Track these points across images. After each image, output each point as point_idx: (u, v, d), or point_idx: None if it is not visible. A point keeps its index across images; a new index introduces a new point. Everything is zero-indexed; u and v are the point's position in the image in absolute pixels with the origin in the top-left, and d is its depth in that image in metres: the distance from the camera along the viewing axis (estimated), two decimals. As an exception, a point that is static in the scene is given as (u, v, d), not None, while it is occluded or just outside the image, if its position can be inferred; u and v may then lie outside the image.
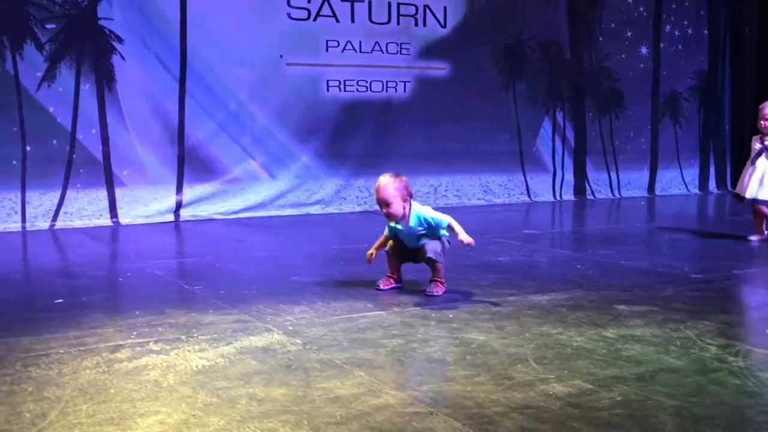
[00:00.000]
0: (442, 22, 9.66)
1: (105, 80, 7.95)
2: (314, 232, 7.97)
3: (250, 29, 8.57)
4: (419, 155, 9.61)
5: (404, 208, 4.70)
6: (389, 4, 9.30)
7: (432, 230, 4.74)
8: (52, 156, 7.77)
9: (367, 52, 9.24)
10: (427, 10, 9.54)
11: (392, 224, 4.81)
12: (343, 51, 9.10)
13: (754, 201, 6.71)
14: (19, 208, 7.65)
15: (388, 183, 4.70)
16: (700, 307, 4.42)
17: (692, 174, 11.89)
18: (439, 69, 9.70)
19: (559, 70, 10.62)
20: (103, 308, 4.48)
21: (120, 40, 7.97)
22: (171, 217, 8.27)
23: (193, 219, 8.32)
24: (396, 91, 9.48)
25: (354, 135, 9.27)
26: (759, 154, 6.68)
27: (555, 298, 4.64)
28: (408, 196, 4.73)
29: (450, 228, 4.70)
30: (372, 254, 4.93)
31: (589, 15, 10.78)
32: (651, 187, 11.48)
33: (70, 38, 7.77)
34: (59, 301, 4.63)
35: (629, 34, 11.11)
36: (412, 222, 4.72)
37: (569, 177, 10.81)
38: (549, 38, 10.46)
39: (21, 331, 3.92)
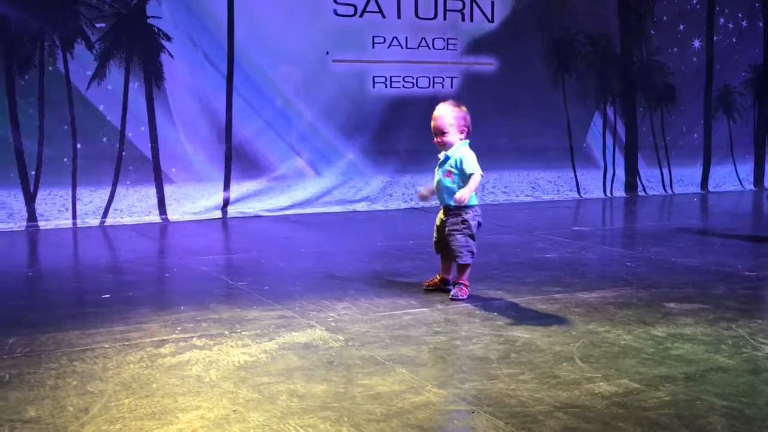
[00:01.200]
0: (490, 17, 9.56)
1: (154, 78, 8.04)
2: (360, 229, 7.96)
3: (296, 26, 8.59)
4: (466, 151, 9.51)
5: (459, 140, 4.49)
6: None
7: (463, 174, 4.44)
8: (102, 153, 7.89)
9: (414, 48, 9.19)
10: (474, 4, 9.46)
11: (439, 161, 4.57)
12: (389, 47, 9.07)
13: None
14: (70, 205, 7.77)
15: (447, 110, 4.52)
16: (752, 305, 4.30)
17: (747, 170, 11.61)
18: (487, 64, 9.61)
19: (610, 64, 10.44)
20: (149, 303, 4.51)
21: (168, 39, 8.05)
22: (218, 214, 8.34)
23: (240, 216, 8.37)
24: (443, 86, 9.42)
25: (400, 132, 9.23)
26: None
27: (603, 296, 4.55)
28: (465, 128, 4.51)
29: (470, 180, 4.39)
30: (425, 194, 4.76)
31: (641, 8, 10.59)
32: (704, 183, 11.24)
33: (119, 37, 7.87)
34: (106, 296, 4.68)
35: (681, 27, 10.88)
36: (452, 153, 4.48)
37: (620, 173, 10.63)
38: (599, 32, 10.30)
39: (68, 326, 3.97)
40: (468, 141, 4.56)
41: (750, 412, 2.77)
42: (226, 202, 8.42)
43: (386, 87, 9.14)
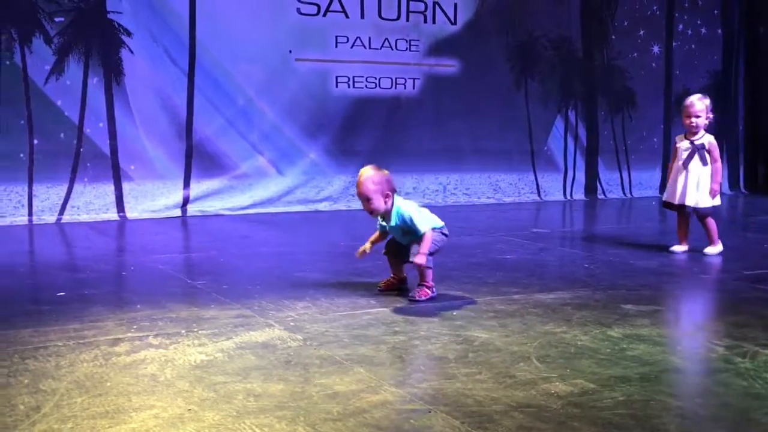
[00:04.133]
0: (452, 19, 9.59)
1: (113, 74, 7.94)
2: (321, 229, 7.93)
3: (259, 24, 8.54)
4: (428, 153, 9.56)
5: (386, 203, 4.45)
6: (399, 0, 9.25)
7: (411, 231, 4.45)
8: (59, 149, 7.77)
9: (377, 49, 9.19)
10: (437, 6, 9.49)
11: (381, 221, 4.60)
12: (352, 47, 9.06)
13: (695, 209, 6.04)
14: (26, 202, 7.65)
15: (367, 177, 4.45)
16: (708, 307, 4.36)
17: (704, 174, 11.77)
18: (449, 66, 9.65)
19: (572, 68, 10.54)
20: (105, 302, 4.45)
21: (129, 34, 7.96)
22: (178, 212, 8.26)
23: (200, 214, 8.30)
24: (405, 88, 9.44)
25: (362, 132, 9.23)
26: (690, 157, 6.03)
27: (561, 297, 4.58)
28: (390, 191, 4.46)
29: (424, 238, 4.37)
30: (365, 250, 4.59)
31: (603, 13, 10.70)
32: (663, 187, 11.37)
33: (78, 31, 7.76)
34: (61, 294, 4.61)
35: (642, 32, 11.02)
36: (393, 220, 4.47)
37: (581, 176, 10.74)
38: (561, 36, 10.39)
39: (21, 324, 3.90)
40: (397, 197, 4.53)
41: (703, 412, 2.81)
42: (186, 201, 8.34)
43: (349, 87, 9.13)
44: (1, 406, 2.81)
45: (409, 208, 4.48)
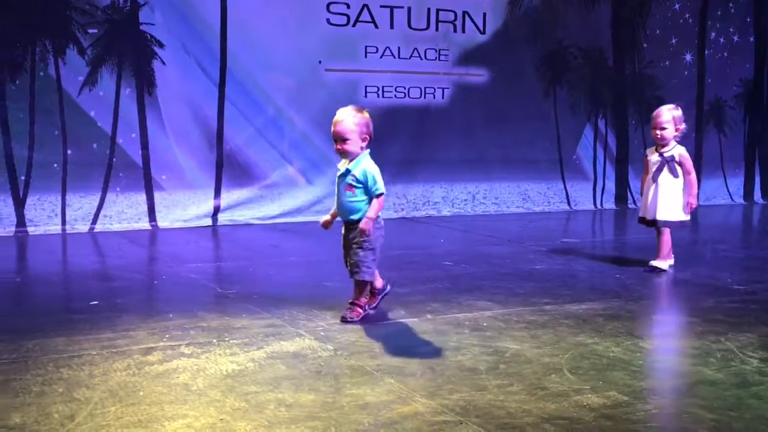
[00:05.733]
0: (482, 29, 9.59)
1: (145, 85, 8.02)
2: (350, 238, 7.93)
3: (289, 35, 8.59)
4: (457, 162, 9.55)
5: (361, 148, 4.21)
6: (428, 10, 9.26)
7: (367, 189, 4.21)
8: (92, 160, 7.86)
9: (406, 58, 9.20)
10: (467, 16, 9.48)
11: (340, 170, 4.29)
12: (381, 57, 9.08)
13: (666, 224, 5.75)
14: (59, 211, 7.74)
15: (349, 115, 4.19)
16: (741, 318, 4.30)
17: (737, 183, 11.65)
18: (478, 75, 9.63)
19: (601, 76, 10.48)
20: (137, 311, 4.49)
21: (161, 45, 8.04)
22: (209, 222, 8.31)
23: (230, 224, 8.34)
24: (434, 97, 9.43)
25: (391, 141, 9.22)
26: (660, 170, 5.77)
27: (592, 308, 4.55)
28: (368, 136, 4.22)
29: (374, 202, 4.21)
30: (328, 222, 4.39)
31: (634, 21, 10.63)
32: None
33: (111, 43, 7.85)
34: (95, 303, 4.66)
35: (674, 40, 10.93)
36: (354, 166, 4.19)
37: (611, 185, 10.65)
38: (591, 44, 10.33)
39: (55, 332, 3.95)
40: (369, 150, 4.29)
41: (737, 426, 2.78)
42: (217, 210, 8.40)
43: (378, 97, 9.14)
44: (36, 414, 2.84)
45: (372, 166, 4.23)
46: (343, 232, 4.40)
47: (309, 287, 5.18)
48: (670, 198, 5.74)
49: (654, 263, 5.75)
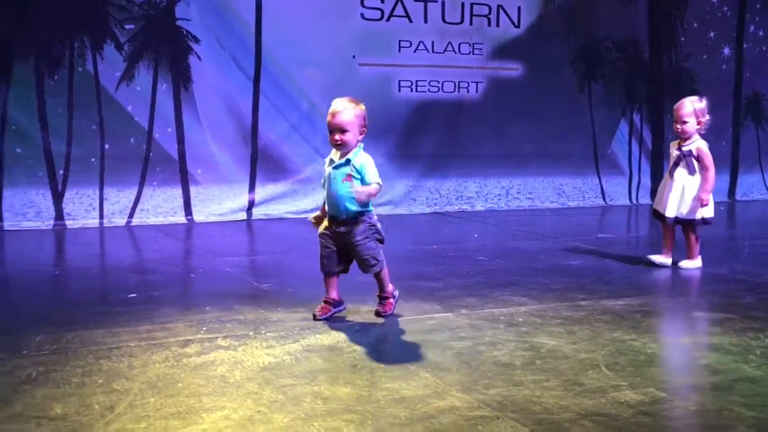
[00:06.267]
0: (516, 22, 9.53)
1: (181, 80, 8.09)
2: (383, 233, 7.94)
3: (323, 29, 8.61)
4: (491, 157, 9.52)
5: (357, 142, 4.11)
6: (462, 4, 9.23)
7: (363, 180, 4.08)
8: (129, 154, 7.95)
9: (440, 53, 9.18)
10: (501, 9, 9.43)
11: (328, 160, 4.18)
12: (415, 51, 9.07)
13: (677, 220, 5.62)
14: (97, 205, 7.84)
15: (348, 107, 4.09)
16: (782, 315, 4.24)
17: (775, 178, 11.48)
18: (512, 69, 9.59)
19: (637, 70, 10.37)
20: (175, 303, 4.53)
21: (197, 41, 8.10)
22: (243, 216, 8.37)
23: (264, 218, 8.39)
24: (468, 91, 9.41)
25: (425, 136, 9.22)
26: (676, 164, 5.66)
27: (629, 304, 4.51)
28: (364, 129, 4.14)
29: (368, 186, 4.05)
30: (318, 219, 4.29)
31: (671, 15, 10.50)
32: (731, 191, 11.12)
33: (148, 38, 7.93)
34: (132, 295, 4.71)
35: (712, 34, 10.79)
36: (353, 155, 4.09)
37: (646, 180, 10.54)
38: (627, 38, 10.23)
39: (94, 324, 4.00)
40: (363, 145, 4.19)
41: (779, 423, 2.74)
42: (251, 204, 8.45)
43: (412, 91, 9.14)
44: (76, 405, 2.89)
45: (369, 160, 4.13)
46: (329, 228, 4.18)
47: (343, 281, 5.16)
48: (686, 194, 5.58)
49: (683, 264, 5.62)
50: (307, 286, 4.93)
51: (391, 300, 4.25)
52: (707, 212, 5.59)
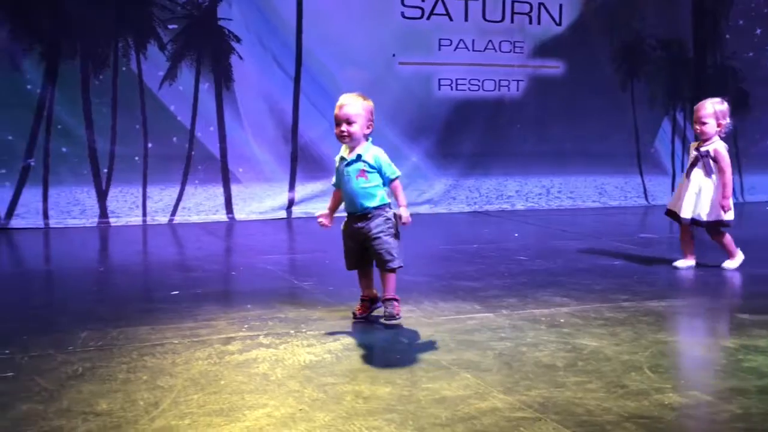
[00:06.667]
0: (557, 20, 9.46)
1: (223, 79, 8.16)
2: (422, 232, 7.93)
3: (363, 28, 8.63)
4: (531, 155, 9.46)
5: (364, 136, 4.06)
6: (503, 2, 9.19)
7: (380, 174, 4.03)
8: (171, 153, 8.04)
9: (480, 51, 9.15)
10: (542, 7, 9.37)
11: (339, 158, 4.12)
12: (455, 50, 9.05)
13: (693, 221, 5.52)
14: (140, 203, 7.95)
15: (354, 100, 4.07)
16: (830, 318, 4.16)
17: (822, 178, 11.24)
18: (554, 68, 9.52)
19: (681, 68, 10.23)
20: (217, 301, 4.58)
21: (238, 40, 8.17)
22: (283, 214, 8.42)
23: (304, 216, 8.43)
24: (509, 90, 9.36)
25: (465, 134, 9.20)
26: (693, 165, 5.51)
27: (672, 305, 4.46)
28: (371, 123, 4.08)
29: (395, 189, 4.04)
30: (325, 222, 4.23)
31: (716, 12, 10.34)
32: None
33: (190, 38, 8.02)
34: (175, 292, 4.77)
35: (758, 31, 10.60)
36: (363, 151, 4.03)
37: (689, 180, 10.39)
38: (670, 36, 10.10)
39: (138, 321, 4.06)
40: (372, 139, 4.12)
41: (828, 429, 2.69)
42: (291, 203, 8.50)
43: (452, 89, 9.12)
44: (122, 401, 2.93)
45: (381, 151, 4.08)
46: (347, 225, 4.15)
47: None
48: (702, 196, 5.46)
49: (726, 264, 5.53)
50: (347, 285, 4.94)
51: (397, 303, 4.01)
52: (726, 215, 5.47)
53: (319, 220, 4.24)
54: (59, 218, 7.64)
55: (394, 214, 4.07)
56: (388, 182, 4.07)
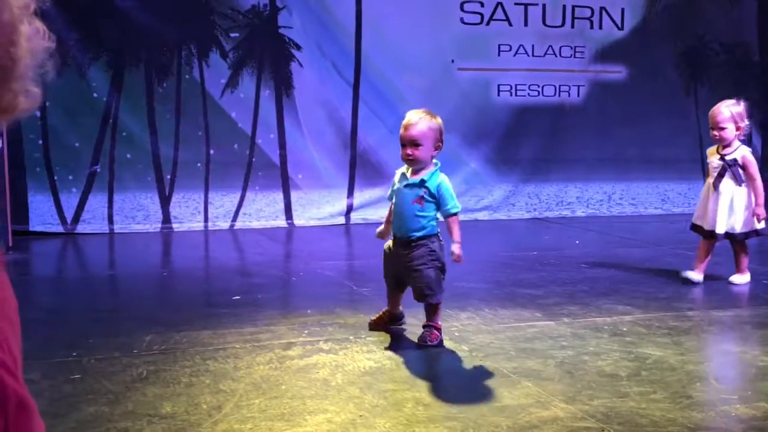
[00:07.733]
0: (620, 24, 9.34)
1: (283, 86, 8.25)
2: (481, 239, 7.90)
3: (422, 34, 8.63)
4: (592, 161, 9.34)
5: (431, 158, 3.87)
6: (564, 6, 9.10)
7: (438, 206, 3.85)
8: (233, 159, 8.15)
9: (540, 56, 9.07)
10: (604, 12, 9.25)
11: (400, 174, 3.99)
12: (515, 55, 8.99)
13: (728, 235, 5.15)
14: (202, 209, 8.07)
15: (424, 119, 3.84)
16: None
17: None
18: (615, 72, 9.39)
19: (746, 73, 10.00)
20: (277, 306, 4.63)
21: (298, 48, 8.24)
22: (342, 220, 8.46)
23: (362, 222, 8.46)
24: (569, 95, 9.26)
25: (524, 140, 9.13)
26: (721, 175, 5.18)
27: (738, 314, 4.36)
28: (440, 144, 3.88)
29: (452, 222, 3.85)
30: (383, 233, 4.09)
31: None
32: None
33: (252, 46, 8.12)
34: (237, 297, 4.83)
35: (827, 33, 10.31)
36: (427, 176, 3.84)
37: (755, 186, 10.15)
38: (735, 39, 9.89)
39: (201, 326, 4.12)
40: (440, 163, 3.94)
41: None
42: (350, 209, 8.54)
43: (511, 95, 9.06)
44: (185, 404, 2.98)
45: (447, 180, 3.89)
46: (391, 248, 3.99)
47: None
48: (735, 207, 5.15)
49: (734, 279, 5.22)
50: (406, 292, 4.95)
51: (437, 333, 3.83)
52: (760, 224, 5.20)
53: (377, 233, 4.16)
54: (124, 223, 7.81)
55: (441, 246, 3.89)
56: (445, 215, 3.88)
